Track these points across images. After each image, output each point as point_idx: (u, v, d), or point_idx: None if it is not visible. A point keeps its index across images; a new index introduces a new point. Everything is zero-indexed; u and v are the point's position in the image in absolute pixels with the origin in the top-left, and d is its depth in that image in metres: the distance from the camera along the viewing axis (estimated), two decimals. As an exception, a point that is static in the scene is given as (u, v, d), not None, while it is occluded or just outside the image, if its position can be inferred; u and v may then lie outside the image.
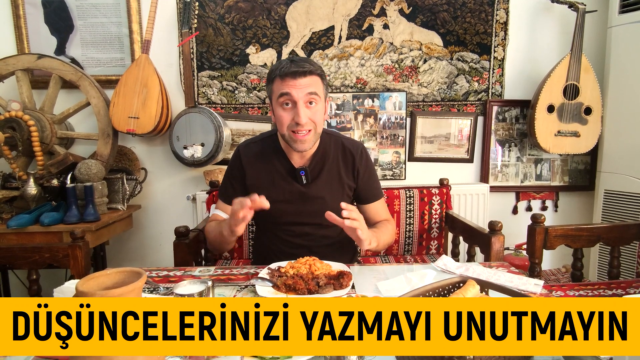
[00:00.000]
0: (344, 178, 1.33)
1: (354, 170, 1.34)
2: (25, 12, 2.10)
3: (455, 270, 1.12)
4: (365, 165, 1.35)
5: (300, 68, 1.16)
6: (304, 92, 1.16)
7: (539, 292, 1.00)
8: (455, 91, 2.24)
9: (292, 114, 1.18)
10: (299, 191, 1.30)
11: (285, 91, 1.16)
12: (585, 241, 1.49)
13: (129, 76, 1.99)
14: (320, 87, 1.21)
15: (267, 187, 1.28)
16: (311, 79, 1.18)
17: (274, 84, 1.20)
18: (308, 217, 1.31)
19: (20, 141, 1.87)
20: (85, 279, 0.60)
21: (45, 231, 1.72)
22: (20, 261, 1.35)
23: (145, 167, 2.21)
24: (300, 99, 1.16)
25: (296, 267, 1.08)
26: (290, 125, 1.19)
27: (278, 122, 1.22)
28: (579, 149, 2.10)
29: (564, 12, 2.15)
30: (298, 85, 1.16)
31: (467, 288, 0.80)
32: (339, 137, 1.38)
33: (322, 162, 1.31)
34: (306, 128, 1.19)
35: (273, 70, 1.21)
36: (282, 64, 1.19)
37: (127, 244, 2.31)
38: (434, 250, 1.99)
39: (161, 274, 1.17)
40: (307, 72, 1.17)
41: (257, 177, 1.31)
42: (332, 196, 1.30)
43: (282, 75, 1.17)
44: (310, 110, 1.19)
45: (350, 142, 1.37)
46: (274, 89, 1.21)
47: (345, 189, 1.34)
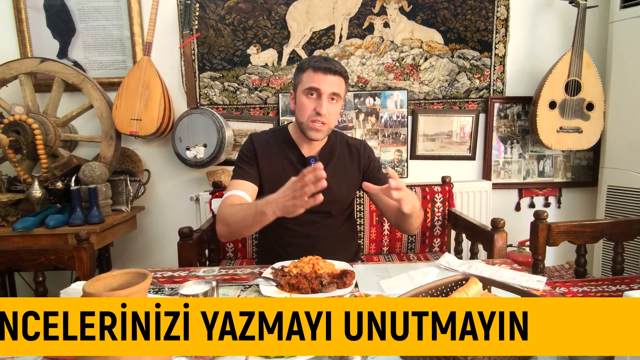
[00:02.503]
0: (350, 171, 1.41)
1: (359, 164, 1.42)
2: (27, 16, 2.12)
3: (458, 268, 1.13)
4: (369, 157, 1.44)
5: (332, 66, 1.26)
6: (330, 89, 1.26)
7: (542, 288, 1.00)
8: (457, 89, 2.24)
9: (314, 104, 1.26)
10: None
11: (315, 86, 1.25)
12: (588, 237, 1.48)
13: (131, 78, 2.00)
14: (343, 88, 1.31)
15: (278, 174, 1.32)
16: (339, 79, 1.28)
17: (305, 73, 1.28)
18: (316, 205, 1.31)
19: (25, 144, 1.88)
20: (92, 281, 0.61)
21: (51, 233, 1.73)
22: (27, 263, 1.36)
23: (149, 169, 2.23)
24: (325, 92, 1.25)
25: (299, 266, 1.09)
26: (311, 115, 1.27)
27: (300, 109, 1.29)
28: (581, 145, 2.10)
29: (565, 7, 2.14)
30: (327, 81, 1.25)
31: (470, 286, 0.80)
32: (344, 135, 1.47)
33: (329, 155, 1.39)
34: (323, 120, 1.27)
35: (306, 61, 1.29)
36: (316, 58, 1.28)
37: (131, 245, 2.33)
38: (437, 248, 1.99)
39: (166, 275, 1.18)
40: (337, 72, 1.27)
41: (269, 165, 1.35)
42: (339, 186, 1.37)
43: (315, 68, 1.25)
44: (330, 105, 1.28)
45: (353, 139, 1.48)
46: (303, 78, 1.28)
47: (352, 182, 1.41)
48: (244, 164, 1.35)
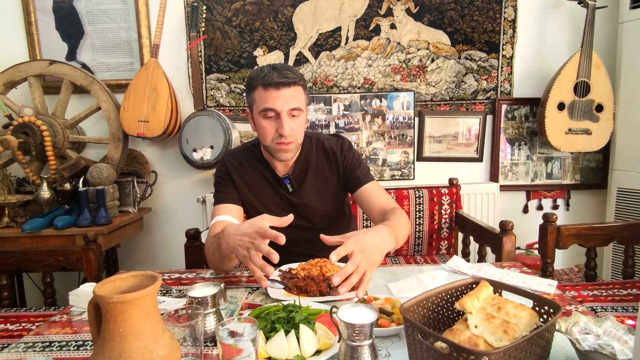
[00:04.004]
0: (330, 178, 1.32)
1: (337, 166, 1.31)
2: (36, 19, 2.14)
3: (467, 271, 1.12)
4: (346, 157, 1.31)
5: (284, 79, 1.13)
6: (288, 106, 1.14)
7: (552, 292, 0.99)
8: (464, 90, 2.23)
9: (275, 125, 1.16)
10: (286, 198, 1.30)
11: (270, 106, 1.13)
12: (598, 240, 1.46)
13: (139, 80, 2.01)
14: (302, 98, 1.19)
15: (255, 193, 1.29)
16: (294, 90, 1.15)
17: (256, 92, 1.16)
18: (301, 222, 1.27)
19: (34, 146, 1.90)
20: (101, 283, 0.61)
21: (59, 234, 1.74)
22: (35, 264, 1.37)
23: (156, 170, 2.24)
24: (284, 111, 1.14)
25: (307, 268, 1.07)
26: (274, 138, 1.17)
27: (261, 133, 1.20)
28: (590, 146, 2.07)
29: (574, 8, 2.12)
30: (282, 97, 1.13)
31: (480, 289, 0.79)
32: (319, 138, 1.35)
33: (305, 167, 1.30)
34: (289, 139, 1.17)
35: (254, 78, 1.17)
36: (264, 72, 1.15)
37: (138, 246, 2.33)
38: (444, 250, 1.98)
39: (173, 277, 1.18)
40: (291, 83, 1.14)
41: (244, 185, 1.29)
42: (319, 200, 1.30)
43: (265, 85, 1.13)
44: (293, 121, 1.17)
45: (329, 141, 1.34)
46: (255, 99, 1.17)
47: (333, 189, 1.32)
48: (222, 186, 1.29)
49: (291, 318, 0.78)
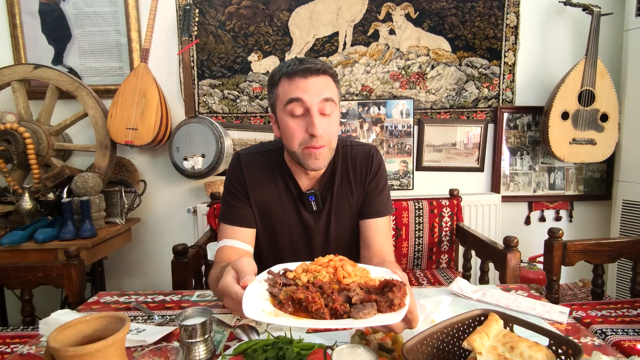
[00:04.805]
0: (355, 195, 1.10)
1: (363, 183, 1.10)
2: (22, 21, 2.06)
3: (471, 295, 1.04)
4: (375, 175, 1.11)
5: (312, 64, 0.94)
6: (318, 97, 0.93)
7: (565, 321, 0.92)
8: (465, 98, 2.16)
9: (304, 125, 0.95)
10: (305, 222, 1.09)
11: (296, 96, 0.93)
12: (606, 257, 1.41)
13: (127, 86, 1.93)
14: (335, 91, 0.98)
15: (272, 208, 1.07)
16: (325, 79, 0.95)
17: (279, 86, 0.96)
18: (317, 250, 1.11)
19: (16, 154, 1.81)
20: (61, 328, 0.53)
21: (40, 248, 1.65)
22: (14, 281, 1.31)
23: (145, 179, 2.15)
24: (314, 104, 0.93)
25: (312, 270, 0.70)
26: (303, 141, 0.95)
27: (287, 136, 0.97)
28: (595, 157, 2.01)
29: (578, 15, 2.07)
30: (310, 87, 0.93)
31: (490, 325, 0.72)
32: (346, 145, 1.12)
33: (330, 183, 1.08)
34: (322, 142, 0.95)
35: (276, 72, 0.98)
36: (287, 63, 0.96)
37: (126, 257, 2.25)
38: (444, 264, 1.91)
39: (157, 299, 1.10)
40: (320, 71, 0.94)
41: (260, 195, 1.07)
42: (344, 223, 1.10)
43: (289, 74, 0.94)
44: (325, 120, 0.95)
45: (357, 147, 1.12)
46: (279, 93, 0.97)
47: (355, 210, 1.11)
48: (233, 198, 1.07)
49: (281, 357, 0.70)
